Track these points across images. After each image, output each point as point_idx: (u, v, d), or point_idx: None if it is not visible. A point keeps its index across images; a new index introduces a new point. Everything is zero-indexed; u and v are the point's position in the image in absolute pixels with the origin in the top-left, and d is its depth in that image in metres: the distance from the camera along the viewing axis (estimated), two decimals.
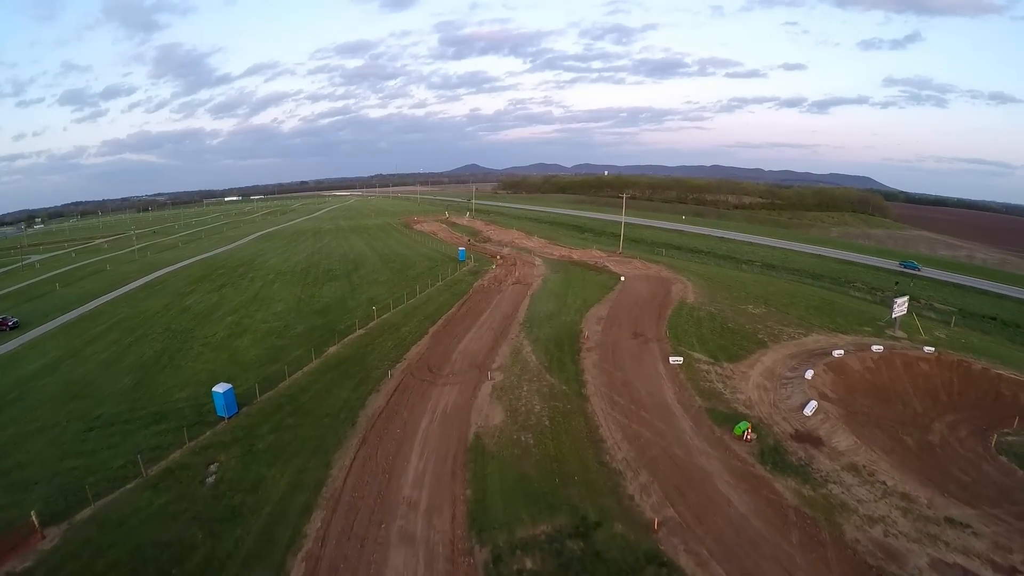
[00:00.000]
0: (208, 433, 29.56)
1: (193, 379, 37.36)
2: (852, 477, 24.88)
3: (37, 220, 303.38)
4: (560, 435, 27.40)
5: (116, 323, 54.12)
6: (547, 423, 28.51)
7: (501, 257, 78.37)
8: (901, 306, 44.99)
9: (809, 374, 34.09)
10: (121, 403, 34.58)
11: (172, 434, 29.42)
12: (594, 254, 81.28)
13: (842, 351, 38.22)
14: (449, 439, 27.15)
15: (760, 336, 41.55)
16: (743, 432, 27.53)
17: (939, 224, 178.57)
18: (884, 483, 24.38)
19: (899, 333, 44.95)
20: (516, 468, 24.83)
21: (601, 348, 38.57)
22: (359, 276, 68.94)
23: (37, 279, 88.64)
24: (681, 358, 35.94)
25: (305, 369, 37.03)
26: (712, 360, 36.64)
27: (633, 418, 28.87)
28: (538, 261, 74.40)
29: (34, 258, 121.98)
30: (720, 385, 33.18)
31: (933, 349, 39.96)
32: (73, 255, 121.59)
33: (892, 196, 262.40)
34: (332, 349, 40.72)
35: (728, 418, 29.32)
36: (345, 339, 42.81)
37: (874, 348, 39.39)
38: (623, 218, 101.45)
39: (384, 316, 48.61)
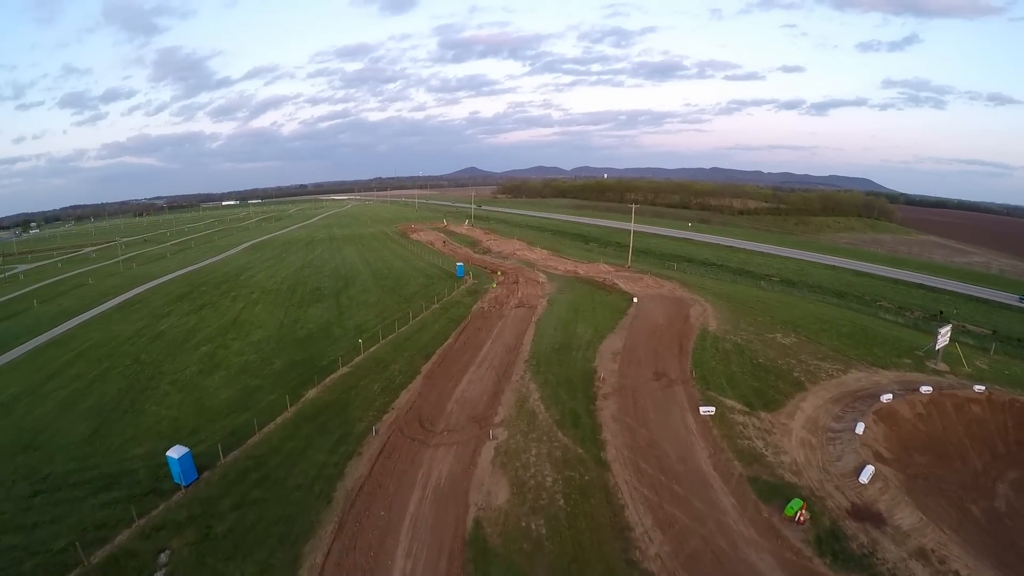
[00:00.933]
0: (162, 507, 25.24)
1: (153, 429, 33.00)
2: (922, 568, 20.89)
3: (33, 225, 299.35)
4: (578, 520, 22.67)
5: (84, 351, 50.02)
6: (561, 502, 23.75)
7: (502, 273, 73.51)
8: (944, 336, 41.10)
9: (860, 428, 29.56)
10: (73, 458, 30.53)
11: (122, 505, 25.25)
12: (601, 269, 76.59)
13: (890, 395, 33.75)
14: (443, 528, 22.35)
15: (796, 374, 37.01)
16: (795, 513, 23.02)
17: (941, 227, 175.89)
18: (957, 573, 20.64)
19: (941, 365, 40.98)
20: (526, 574, 20.19)
21: (620, 394, 33.80)
22: (348, 296, 64.23)
23: (17, 293, 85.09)
24: (712, 408, 31.21)
25: (278, 420, 32.29)
26: (747, 408, 31.98)
27: (664, 495, 24.16)
28: (542, 277, 69.69)
29: (20, 268, 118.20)
30: (760, 443, 28.56)
31: (984, 388, 35.78)
32: (59, 265, 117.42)
33: (893, 198, 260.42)
34: (311, 393, 35.93)
35: (774, 490, 24.81)
36: (327, 379, 38.05)
37: (923, 389, 35.04)
38: (632, 226, 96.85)
39: (372, 349, 43.78)
